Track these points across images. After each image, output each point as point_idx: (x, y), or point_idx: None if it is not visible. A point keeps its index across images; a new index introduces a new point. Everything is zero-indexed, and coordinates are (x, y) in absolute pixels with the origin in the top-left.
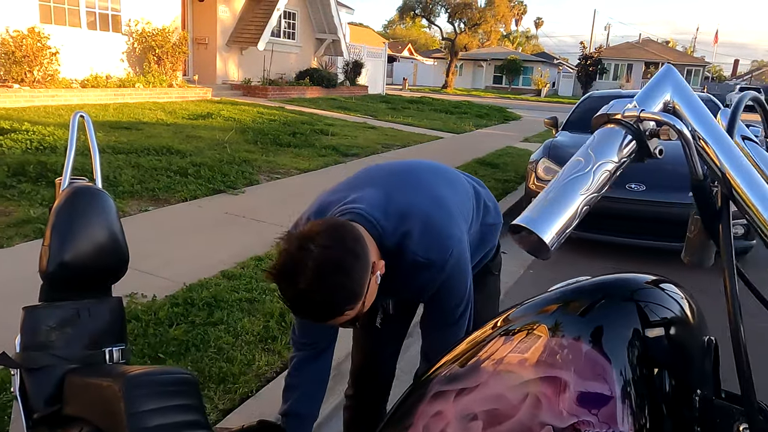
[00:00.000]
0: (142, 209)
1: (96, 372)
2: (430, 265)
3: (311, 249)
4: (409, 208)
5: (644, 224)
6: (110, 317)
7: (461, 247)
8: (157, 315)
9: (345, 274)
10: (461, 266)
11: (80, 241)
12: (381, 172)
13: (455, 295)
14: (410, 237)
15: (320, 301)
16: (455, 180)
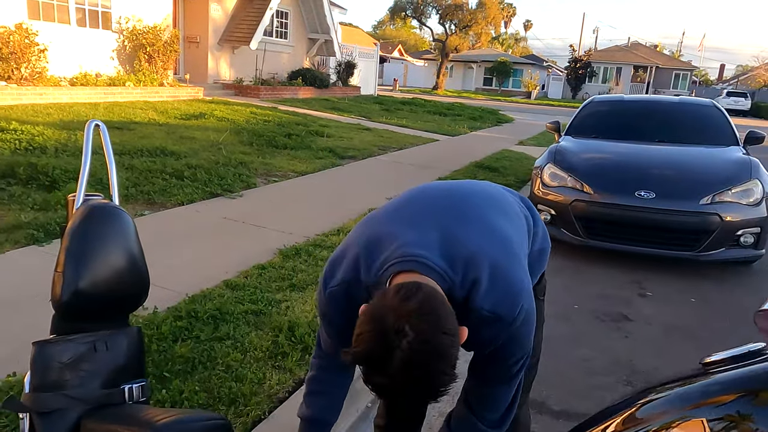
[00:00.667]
0: (138, 213)
1: (116, 416)
2: (498, 320)
3: (406, 332)
4: (475, 253)
5: (653, 232)
6: (129, 350)
7: (530, 300)
8: (160, 329)
9: (445, 361)
10: (530, 321)
11: (97, 266)
12: (433, 200)
13: (518, 351)
14: (478, 288)
15: (422, 393)
16: (509, 208)
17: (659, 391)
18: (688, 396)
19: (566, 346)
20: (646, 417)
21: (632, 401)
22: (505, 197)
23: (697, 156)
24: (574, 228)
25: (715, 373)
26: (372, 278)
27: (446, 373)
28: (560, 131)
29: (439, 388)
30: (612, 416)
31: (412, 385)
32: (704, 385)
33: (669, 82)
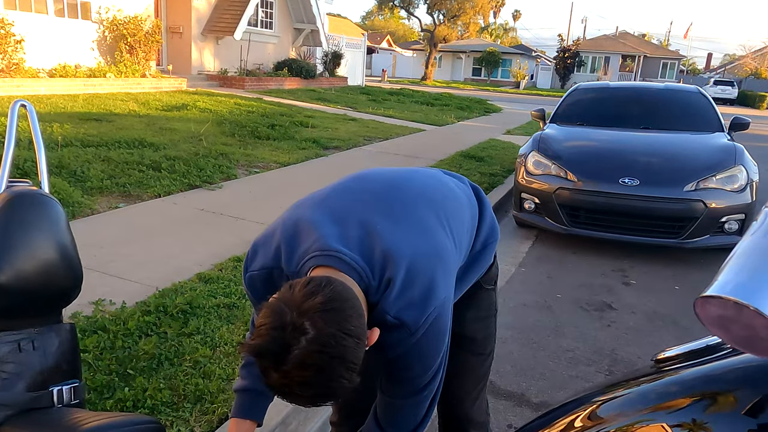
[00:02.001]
0: (112, 206)
1: (38, 422)
2: (400, 326)
3: (306, 330)
4: (394, 252)
5: (637, 220)
6: (60, 349)
7: (444, 313)
8: (126, 325)
9: (345, 364)
10: (438, 334)
11: (19, 258)
12: (364, 192)
13: (417, 365)
14: (391, 289)
15: (313, 395)
16: (449, 203)
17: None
18: (645, 397)
19: (548, 336)
20: (606, 417)
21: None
22: (449, 191)
23: (681, 142)
24: (558, 216)
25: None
26: (293, 268)
27: (344, 377)
28: (545, 119)
29: (336, 391)
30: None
31: (306, 385)
32: (661, 385)
33: (657, 71)
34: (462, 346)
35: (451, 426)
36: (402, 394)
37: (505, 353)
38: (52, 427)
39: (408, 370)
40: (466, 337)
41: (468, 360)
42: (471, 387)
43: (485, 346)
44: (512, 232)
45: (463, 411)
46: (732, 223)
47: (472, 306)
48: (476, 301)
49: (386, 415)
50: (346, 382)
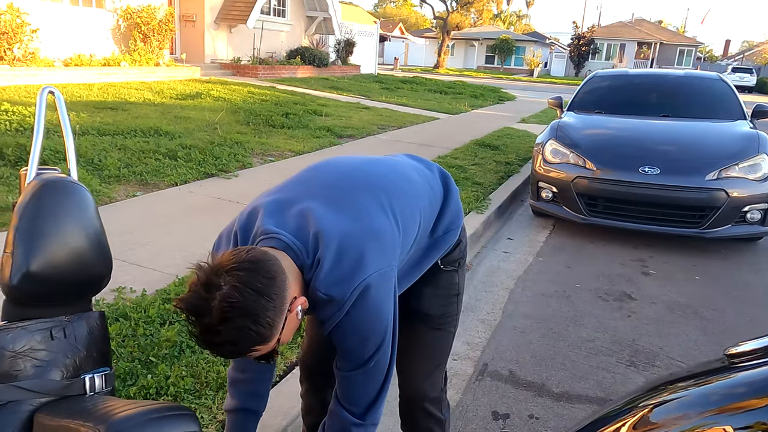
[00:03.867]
0: (130, 194)
1: (71, 409)
2: (329, 301)
3: (221, 286)
4: (326, 231)
5: (657, 209)
6: (90, 336)
7: (375, 285)
8: (147, 312)
9: (252, 318)
10: (370, 306)
11: (50, 246)
12: (317, 180)
13: (350, 338)
14: (321, 266)
15: (225, 341)
16: (407, 187)
17: (675, 389)
18: (708, 398)
19: (567, 326)
20: (661, 421)
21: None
22: (401, 178)
23: (703, 130)
24: (576, 205)
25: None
26: None
27: (252, 331)
28: (562, 107)
29: (246, 346)
30: (623, 416)
31: (220, 338)
32: (728, 386)
33: (673, 58)
34: (416, 320)
35: (404, 400)
36: (349, 367)
37: (524, 343)
38: (86, 414)
39: (347, 342)
40: (421, 311)
41: (421, 333)
42: (423, 361)
43: (442, 322)
44: (529, 222)
45: (415, 384)
46: (754, 212)
47: (430, 283)
48: (435, 280)
49: (341, 390)
50: (254, 334)
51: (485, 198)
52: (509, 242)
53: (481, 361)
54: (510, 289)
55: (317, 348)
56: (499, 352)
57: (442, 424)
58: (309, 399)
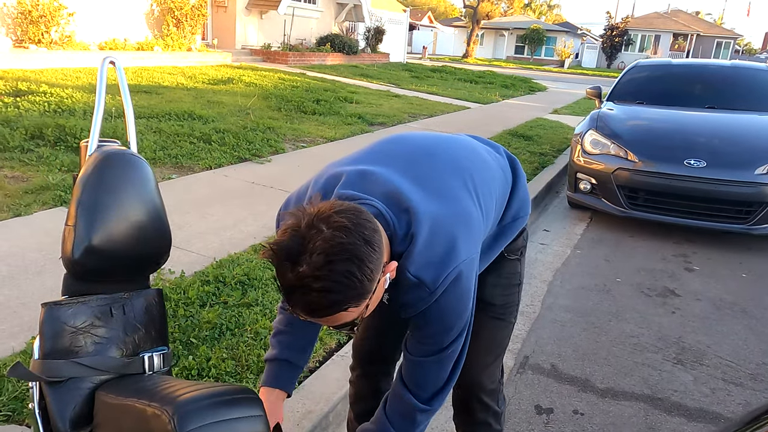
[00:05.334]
0: (166, 177)
1: (134, 388)
2: (418, 286)
3: (323, 229)
4: (419, 210)
5: (702, 204)
6: (148, 314)
7: (464, 273)
8: (186, 294)
9: (357, 263)
10: (458, 294)
11: (112, 220)
12: (403, 152)
13: (443, 324)
14: (414, 243)
15: (323, 289)
16: (486, 171)
17: None
18: None
19: (609, 320)
20: None
21: None
22: (481, 161)
23: (751, 123)
24: (616, 198)
25: None
26: None
27: (356, 280)
28: (601, 97)
29: (343, 299)
30: None
31: (318, 284)
32: None
33: (710, 50)
34: (478, 309)
35: (461, 390)
36: (424, 352)
37: (565, 336)
38: (150, 394)
39: (429, 328)
40: (484, 300)
41: (483, 322)
42: (483, 351)
43: (504, 312)
44: (565, 214)
45: (473, 375)
46: None
47: (493, 272)
48: (498, 268)
49: (411, 374)
50: (356, 282)
51: None
52: (546, 234)
53: (521, 353)
54: (548, 281)
55: (376, 335)
56: (540, 345)
57: (498, 416)
58: (360, 386)
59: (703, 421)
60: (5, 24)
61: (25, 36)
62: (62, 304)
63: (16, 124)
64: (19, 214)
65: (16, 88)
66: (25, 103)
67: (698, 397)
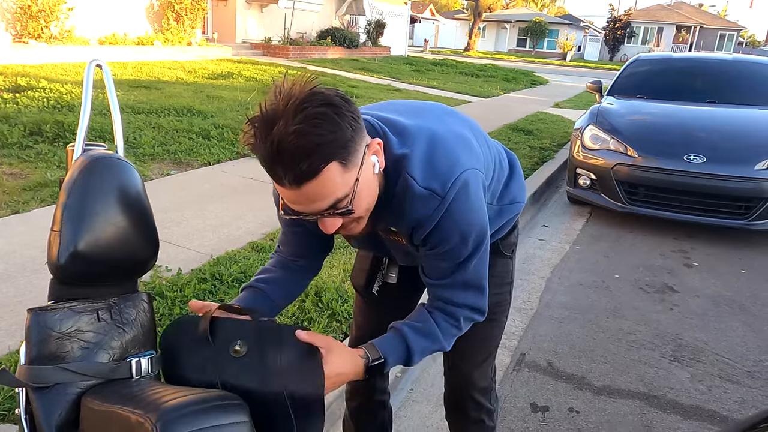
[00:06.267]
0: (164, 173)
1: (120, 393)
2: (429, 196)
3: (298, 96)
4: (418, 127)
5: (702, 199)
6: (137, 319)
7: (471, 180)
8: (183, 292)
9: (333, 109)
10: (468, 201)
11: (99, 225)
12: (398, 105)
13: (458, 232)
14: (411, 159)
15: (298, 132)
16: (484, 136)
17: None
18: None
19: (607, 317)
20: None
21: None
22: (478, 126)
23: (752, 118)
24: (615, 194)
25: None
26: None
27: (334, 119)
28: (602, 92)
29: (325, 143)
30: None
31: (294, 126)
32: None
33: (713, 43)
34: None
35: (453, 389)
36: (443, 271)
37: (562, 333)
38: (135, 401)
39: (445, 244)
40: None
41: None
42: (475, 350)
43: (495, 311)
44: (564, 209)
45: (466, 374)
46: None
47: None
48: (491, 266)
49: (437, 295)
50: (336, 123)
51: None
52: (545, 230)
53: (518, 350)
54: (546, 277)
55: (371, 330)
56: (537, 342)
57: (491, 414)
58: (355, 383)
59: (699, 420)
60: (5, 19)
61: (25, 31)
62: (48, 309)
63: (14, 120)
64: (17, 211)
65: (15, 83)
66: (24, 99)
67: (694, 394)
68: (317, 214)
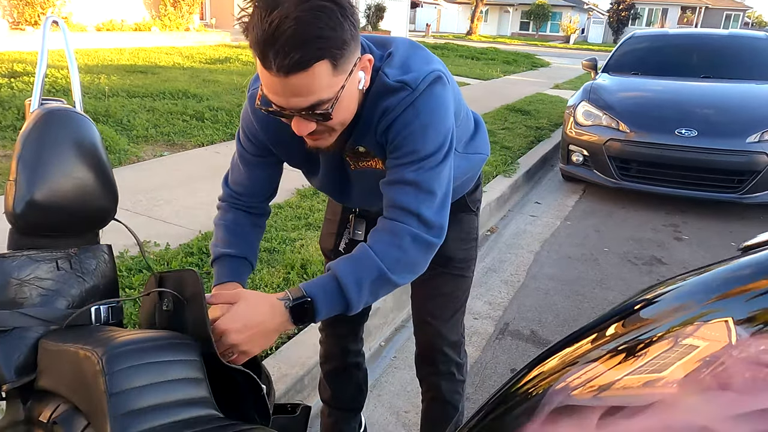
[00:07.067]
0: (157, 154)
1: (75, 336)
2: (401, 88)
3: None
4: (394, 41)
5: (694, 173)
6: (98, 269)
7: (441, 84)
8: (169, 265)
9: (340, 9)
10: (436, 99)
11: (54, 174)
12: None
13: (422, 126)
14: (391, 57)
15: (297, 19)
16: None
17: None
18: (710, 284)
19: (593, 288)
20: (654, 316)
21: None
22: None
23: (745, 92)
24: (607, 169)
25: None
26: None
27: (335, 15)
28: (597, 69)
29: (322, 32)
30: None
31: (295, 13)
32: (732, 269)
33: (719, 23)
34: (439, 265)
35: (425, 345)
36: (405, 168)
37: (547, 304)
38: (88, 339)
39: (408, 143)
40: (446, 255)
41: (444, 278)
42: (445, 306)
43: (463, 267)
44: (558, 187)
45: (437, 328)
46: None
47: (454, 227)
48: (458, 223)
49: (393, 199)
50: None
51: (513, 162)
52: (537, 206)
53: (502, 320)
54: (535, 251)
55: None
56: (521, 312)
57: (460, 367)
58: (329, 346)
59: None
60: (2, 6)
61: (22, 18)
62: (6, 256)
63: (8, 104)
64: None
65: (11, 69)
66: (20, 84)
67: None
68: (296, 111)
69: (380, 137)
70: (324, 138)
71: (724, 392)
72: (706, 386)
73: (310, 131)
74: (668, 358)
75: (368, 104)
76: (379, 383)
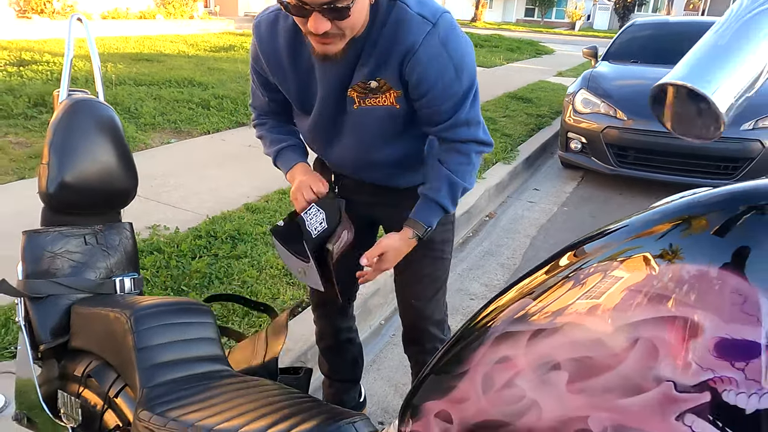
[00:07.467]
0: (165, 142)
1: (104, 302)
2: (421, 21)
3: None
4: None
5: (689, 160)
6: (121, 244)
7: (456, 24)
8: (179, 247)
9: None
10: (459, 38)
11: (82, 158)
12: None
13: (453, 65)
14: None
15: None
16: None
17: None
18: (631, 227)
19: None
20: (587, 252)
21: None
22: None
23: None
24: (605, 156)
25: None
26: None
27: None
28: (597, 57)
29: None
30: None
31: None
32: (647, 216)
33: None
34: (418, 247)
35: (410, 327)
36: (446, 114)
37: None
38: (117, 304)
39: (441, 79)
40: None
41: (424, 260)
42: (429, 287)
43: (442, 248)
44: (557, 174)
45: (421, 309)
46: None
47: None
48: None
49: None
50: None
51: (513, 149)
52: (535, 192)
53: None
54: (532, 236)
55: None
56: None
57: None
58: (322, 326)
59: None
60: None
61: (28, 6)
62: (40, 232)
63: (19, 92)
64: (23, 177)
65: (19, 57)
66: (29, 72)
67: None
68: (318, 6)
69: (409, 77)
70: (334, 42)
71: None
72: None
73: (325, 30)
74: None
75: (387, 31)
76: (378, 358)
